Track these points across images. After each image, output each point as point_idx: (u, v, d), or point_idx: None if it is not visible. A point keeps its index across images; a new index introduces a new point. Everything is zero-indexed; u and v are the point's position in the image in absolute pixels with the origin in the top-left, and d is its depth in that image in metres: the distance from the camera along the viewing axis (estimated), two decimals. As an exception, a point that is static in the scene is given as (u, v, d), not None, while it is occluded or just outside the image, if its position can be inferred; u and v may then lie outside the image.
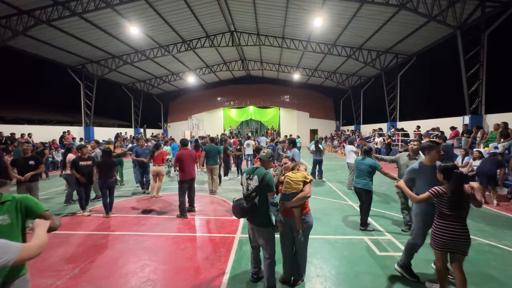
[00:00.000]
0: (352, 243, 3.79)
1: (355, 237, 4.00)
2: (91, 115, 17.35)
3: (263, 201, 2.52)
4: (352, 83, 21.32)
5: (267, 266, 2.56)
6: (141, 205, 5.85)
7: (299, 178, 2.59)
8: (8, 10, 9.88)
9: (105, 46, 14.35)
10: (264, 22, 13.88)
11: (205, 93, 26.28)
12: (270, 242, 2.58)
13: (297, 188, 2.56)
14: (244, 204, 2.52)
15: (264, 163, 2.71)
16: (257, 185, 2.50)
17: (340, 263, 3.23)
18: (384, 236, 4.03)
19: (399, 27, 11.72)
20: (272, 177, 2.55)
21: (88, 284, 2.82)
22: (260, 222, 2.58)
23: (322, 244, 3.74)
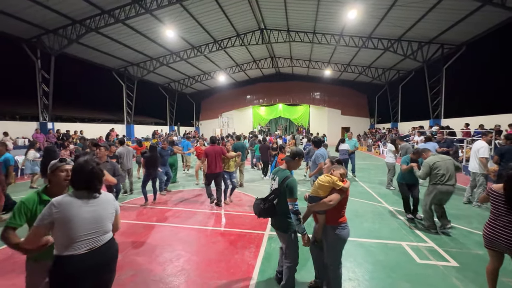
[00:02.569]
0: (388, 248, 3.57)
1: (391, 242, 3.76)
2: (132, 114, 18.83)
3: (282, 205, 2.38)
4: (389, 78, 19.93)
5: (286, 268, 2.47)
6: (176, 199, 6.20)
7: (324, 182, 2.33)
8: (65, 21, 11.12)
9: (144, 50, 15.41)
10: (295, 18, 13.62)
11: (235, 92, 26.76)
12: (290, 248, 2.45)
13: (322, 193, 2.34)
14: (261, 205, 2.46)
15: (289, 164, 2.57)
16: (277, 187, 2.43)
17: (375, 268, 3.07)
18: (425, 243, 3.72)
19: (446, 14, 10.61)
20: (294, 181, 2.37)
21: (131, 269, 3.08)
22: (279, 226, 2.49)
23: (355, 247, 3.58)
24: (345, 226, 2.36)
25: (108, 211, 1.73)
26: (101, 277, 1.68)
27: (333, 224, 2.34)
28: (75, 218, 1.54)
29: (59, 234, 1.54)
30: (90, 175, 1.66)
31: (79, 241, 1.55)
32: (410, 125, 17.58)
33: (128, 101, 18.64)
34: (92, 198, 1.66)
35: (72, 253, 1.52)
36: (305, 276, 2.92)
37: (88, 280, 1.59)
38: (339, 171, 2.42)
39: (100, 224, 1.65)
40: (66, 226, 1.53)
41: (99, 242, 1.64)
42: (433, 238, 3.86)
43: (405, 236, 3.95)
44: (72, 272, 1.52)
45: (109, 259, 1.71)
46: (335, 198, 2.25)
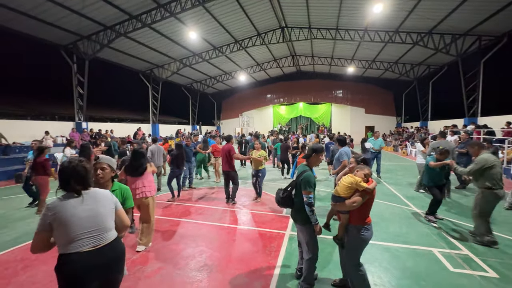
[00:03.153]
0: (417, 254, 3.37)
1: (420, 247, 3.55)
2: (157, 113, 19.67)
3: (299, 197, 2.49)
4: (418, 74, 18.78)
5: (305, 263, 2.53)
6: (199, 195, 6.38)
7: (348, 183, 2.33)
8: (97, 27, 11.90)
9: (169, 52, 16.00)
10: (317, 14, 13.32)
11: (255, 91, 26.83)
12: (308, 241, 2.50)
13: (345, 194, 2.33)
14: (280, 194, 2.64)
15: (309, 160, 2.65)
16: (294, 180, 2.60)
17: (402, 274, 2.92)
18: (459, 250, 3.46)
19: (484, 2, 9.76)
20: (310, 176, 2.45)
21: (156, 261, 3.23)
22: (296, 217, 2.59)
23: (380, 251, 3.44)
24: (368, 228, 2.33)
25: (107, 207, 1.70)
26: (108, 277, 1.67)
27: (357, 224, 2.33)
28: (71, 218, 1.53)
29: (58, 235, 1.53)
30: (72, 174, 1.62)
31: (80, 239, 1.53)
32: (442, 124, 16.41)
33: (154, 101, 19.49)
34: (85, 196, 1.63)
35: (75, 251, 1.51)
36: (328, 274, 2.89)
37: (94, 279, 1.57)
38: (363, 171, 2.37)
39: (99, 221, 1.62)
40: (64, 227, 1.51)
41: (103, 240, 1.61)
42: (468, 245, 3.57)
43: (436, 242, 3.71)
44: (76, 269, 1.50)
45: (115, 257, 1.69)
46: (358, 200, 2.25)
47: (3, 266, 3.16)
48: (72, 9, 10.00)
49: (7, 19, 9.94)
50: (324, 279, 2.82)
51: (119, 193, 2.29)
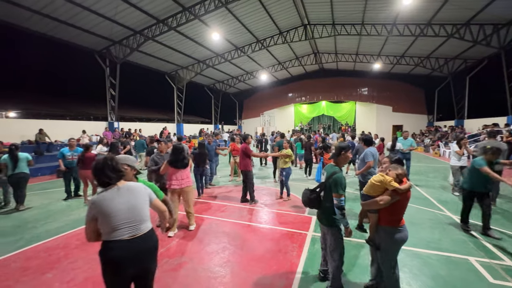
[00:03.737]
0: (451, 262, 3.15)
1: (455, 255, 3.30)
2: (181, 113, 20.40)
3: (328, 198, 2.42)
4: (453, 69, 17.41)
5: (332, 267, 2.47)
6: (221, 193, 6.52)
7: (376, 181, 2.24)
8: (128, 32, 12.62)
9: (193, 53, 16.49)
10: (341, 10, 12.91)
11: (277, 90, 26.69)
12: (334, 244, 2.43)
13: (374, 192, 2.25)
14: (308, 194, 2.56)
15: (337, 160, 2.57)
16: (323, 181, 2.50)
17: (435, 283, 2.75)
18: (501, 260, 3.17)
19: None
20: (341, 178, 2.35)
21: (182, 255, 3.37)
22: (322, 219, 2.54)
23: (410, 257, 3.26)
24: (401, 229, 2.22)
25: (141, 199, 1.84)
26: (143, 265, 1.80)
27: (387, 225, 2.24)
28: (111, 211, 1.69)
29: (101, 224, 1.71)
30: (104, 168, 1.76)
31: (120, 229, 1.70)
32: (481, 122, 15.08)
33: (178, 101, 20.24)
34: (121, 189, 1.77)
35: (117, 239, 1.69)
36: (354, 277, 2.81)
37: (131, 266, 1.72)
38: (396, 171, 2.25)
39: (136, 212, 1.77)
40: (106, 218, 1.69)
41: (140, 230, 1.76)
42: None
43: (474, 250, 3.43)
44: (116, 256, 1.67)
45: (150, 247, 1.83)
46: (386, 199, 2.15)
47: (47, 253, 3.49)
48: (106, 16, 10.72)
49: (50, 28, 10.92)
50: (350, 282, 2.75)
51: None
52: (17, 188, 5.46)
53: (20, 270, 3.05)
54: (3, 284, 2.78)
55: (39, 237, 4.00)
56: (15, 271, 3.03)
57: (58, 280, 2.84)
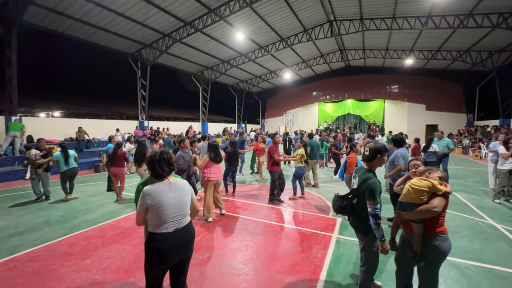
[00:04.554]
0: (494, 276, 2.86)
1: (500, 268, 3.00)
2: (206, 112, 20.97)
3: (362, 205, 2.24)
4: (498, 62, 15.74)
5: (361, 272, 2.36)
6: (245, 192, 6.60)
7: (423, 187, 1.99)
8: (157, 35, 13.27)
9: (217, 54, 16.85)
10: (370, 4, 12.31)
11: (300, 89, 26.28)
12: (366, 252, 2.31)
13: (419, 199, 2.01)
14: (340, 202, 2.42)
15: (370, 163, 2.34)
16: (356, 188, 2.33)
17: (475, 296, 2.52)
18: (556, 277, 2.82)
19: None
20: (376, 184, 2.15)
21: (206, 250, 3.47)
22: (357, 226, 2.39)
23: (446, 267, 3.01)
24: (445, 237, 2.00)
25: (187, 196, 2.00)
26: (185, 253, 1.97)
27: (433, 234, 1.98)
28: (165, 203, 1.84)
29: (151, 216, 1.85)
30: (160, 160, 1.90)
31: (168, 222, 1.85)
32: (531, 122, 13.51)
33: (203, 101, 20.83)
34: (172, 184, 1.93)
35: (163, 231, 1.84)
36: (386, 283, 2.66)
37: (176, 255, 1.90)
38: (437, 173, 2.07)
39: (182, 208, 1.94)
40: (158, 210, 1.83)
41: (182, 223, 1.93)
42: None
43: (523, 264, 3.08)
44: (164, 247, 1.83)
45: (190, 238, 2.00)
46: (441, 203, 1.91)
47: (87, 241, 3.81)
48: (138, 21, 11.37)
49: (90, 34, 11.86)
50: None
51: None
52: (70, 180, 6.09)
53: (64, 255, 3.37)
54: (50, 267, 3.09)
55: (80, 226, 4.38)
56: (60, 256, 3.35)
57: (96, 266, 3.09)
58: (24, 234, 4.09)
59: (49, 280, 2.83)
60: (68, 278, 2.86)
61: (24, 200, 6.06)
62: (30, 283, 2.77)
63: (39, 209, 5.37)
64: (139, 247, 3.56)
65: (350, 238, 3.79)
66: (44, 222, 4.62)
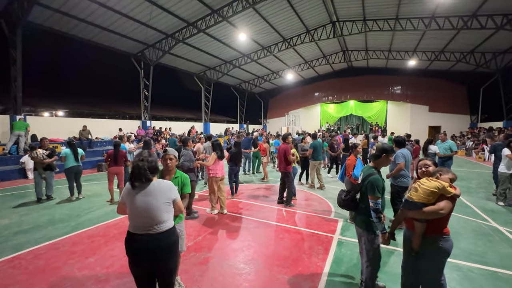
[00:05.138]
0: (498, 279, 2.85)
1: (503, 271, 2.98)
2: (208, 113, 21.02)
3: (364, 200, 2.34)
4: (502, 64, 15.63)
5: (365, 270, 2.40)
6: (248, 192, 6.61)
7: (432, 187, 1.99)
8: (160, 36, 13.34)
9: (220, 54, 16.90)
10: (373, 4, 12.28)
11: (302, 89, 26.25)
12: (369, 249, 2.34)
13: (426, 199, 2.01)
14: (343, 196, 2.53)
15: (376, 162, 2.45)
16: (359, 183, 2.43)
17: (477, 298, 2.51)
18: (560, 280, 2.80)
19: None
20: (378, 180, 2.24)
21: (207, 250, 3.48)
22: (358, 221, 2.46)
23: (449, 269, 2.99)
24: (447, 238, 2.03)
25: (160, 201, 1.82)
26: (159, 263, 1.83)
27: (434, 235, 2.01)
28: (131, 205, 1.81)
29: (128, 214, 1.87)
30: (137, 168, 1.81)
31: (137, 225, 1.81)
32: (536, 124, 13.40)
33: (206, 101, 20.88)
34: (146, 187, 1.82)
35: (135, 233, 1.82)
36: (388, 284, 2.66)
37: (146, 260, 1.79)
38: (448, 175, 2.07)
39: (152, 213, 1.78)
40: (128, 209, 1.85)
41: (153, 229, 1.80)
42: None
43: (527, 267, 3.06)
44: (135, 248, 1.80)
45: (166, 246, 1.83)
46: (448, 206, 1.93)
47: (90, 239, 3.84)
48: (141, 21, 11.43)
49: (94, 34, 11.95)
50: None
51: (180, 179, 2.57)
52: (76, 179, 6.07)
53: (68, 254, 3.40)
54: (54, 265, 3.12)
55: (83, 225, 4.42)
56: (64, 254, 3.38)
57: (99, 265, 3.11)
58: (29, 232, 4.13)
59: (53, 277, 2.86)
60: (71, 275, 2.89)
61: (29, 199, 6.12)
62: (34, 280, 2.80)
63: (43, 208, 5.42)
64: (142, 246, 3.58)
65: (352, 240, 3.79)
66: (48, 220, 4.67)
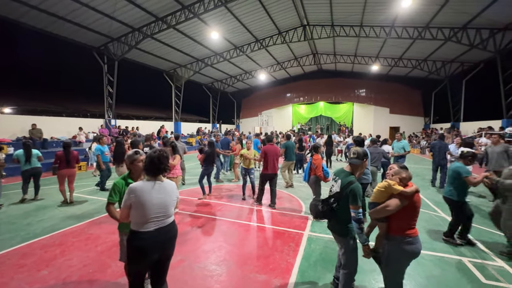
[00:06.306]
0: (445, 263, 3.20)
1: (449, 256, 3.36)
2: (179, 112, 20.33)
3: (343, 210, 2.24)
4: (450, 72, 17.57)
5: (342, 275, 2.34)
6: (219, 193, 6.52)
7: (380, 187, 2.16)
8: (126, 29, 12.54)
9: (191, 52, 16.44)
10: (340, 12, 12.96)
11: (275, 90, 26.72)
12: (347, 254, 2.30)
13: (377, 199, 2.17)
14: (319, 207, 2.39)
15: (354, 167, 2.35)
16: (338, 191, 2.28)
17: (428, 282, 2.79)
18: (493, 261, 3.23)
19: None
20: (359, 188, 2.17)
21: (179, 254, 3.36)
22: (334, 229, 2.39)
23: (404, 257, 3.29)
24: (413, 241, 2.06)
25: (172, 198, 2.06)
26: (165, 252, 2.02)
27: (398, 235, 2.09)
28: (147, 203, 1.88)
29: (135, 214, 1.90)
30: (163, 160, 1.99)
31: (150, 221, 1.89)
32: (476, 125, 15.29)
33: (176, 100, 20.17)
34: (159, 184, 1.97)
35: (145, 230, 1.89)
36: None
37: (156, 253, 1.94)
38: (399, 175, 2.18)
39: (166, 209, 1.98)
40: (140, 208, 1.88)
41: (165, 223, 1.99)
42: (505, 258, 3.32)
43: (467, 251, 3.49)
44: (144, 245, 1.88)
45: (171, 237, 2.06)
46: (393, 203, 2.05)
47: (43, 250, 3.48)
48: (104, 12, 10.64)
49: (48, 23, 10.81)
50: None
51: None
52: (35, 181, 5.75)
53: (16, 267, 3.03)
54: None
55: (35, 234, 3.98)
56: (10, 268, 3.01)
57: (54, 277, 2.84)
58: (-34, 245, 3.61)
59: (-3, 295, 2.54)
60: (20, 292, 2.59)
61: (-34, 207, 5.34)
62: (-28, 301, 2.46)
63: (-16, 217, 4.77)
64: (105, 253, 3.35)
65: (321, 235, 3.96)
66: (-9, 231, 4.12)
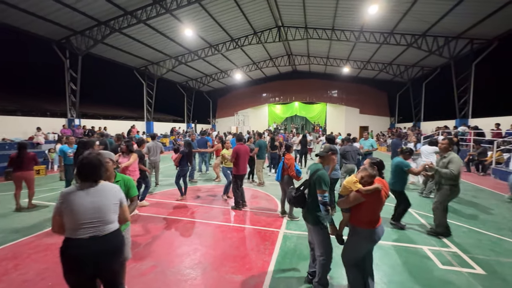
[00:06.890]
0: (407, 252, 3.45)
1: (411, 245, 3.63)
2: (151, 111, 19.48)
3: (312, 196, 2.47)
4: (412, 75, 19.07)
5: (319, 264, 2.46)
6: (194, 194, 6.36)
7: (344, 183, 2.38)
8: (91, 22, 11.70)
9: (164, 49, 15.84)
10: (313, 15, 13.38)
11: (251, 90, 26.80)
12: (321, 242, 2.45)
13: (342, 192, 2.38)
14: (293, 193, 2.63)
15: (323, 159, 2.69)
16: (307, 179, 2.56)
17: (393, 271, 2.99)
18: (448, 248, 3.56)
19: (477, 7, 9.98)
20: (324, 174, 2.42)
21: (151, 259, 3.22)
22: (307, 217, 2.55)
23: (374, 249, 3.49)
24: (366, 234, 2.24)
25: (110, 201, 1.81)
26: (105, 265, 1.76)
27: (357, 226, 2.32)
28: (77, 207, 1.69)
29: (66, 220, 1.71)
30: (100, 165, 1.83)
31: (82, 228, 1.68)
32: (434, 124, 16.74)
33: (148, 99, 19.31)
34: (94, 188, 1.79)
35: (78, 237, 1.68)
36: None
37: (90, 264, 1.68)
38: (362, 173, 2.31)
39: (102, 213, 1.75)
40: (70, 214, 1.69)
41: (102, 231, 1.74)
42: (457, 243, 3.68)
43: (427, 240, 3.80)
44: (76, 254, 1.66)
45: (113, 248, 1.79)
46: (352, 196, 2.27)
47: (-7, 264, 3.10)
48: (64, 3, 9.80)
49: (-3, 12, 9.69)
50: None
51: (122, 183, 2.36)
52: None
53: (-43, 286, 2.67)
54: None
55: (-18, 248, 3.54)
56: (-50, 288, 2.65)
57: (5, 294, 2.54)
58: None
59: None
60: (-38, 314, 2.28)
61: None
62: None
63: None
64: (67, 264, 3.08)
65: (296, 232, 4.04)
66: None
